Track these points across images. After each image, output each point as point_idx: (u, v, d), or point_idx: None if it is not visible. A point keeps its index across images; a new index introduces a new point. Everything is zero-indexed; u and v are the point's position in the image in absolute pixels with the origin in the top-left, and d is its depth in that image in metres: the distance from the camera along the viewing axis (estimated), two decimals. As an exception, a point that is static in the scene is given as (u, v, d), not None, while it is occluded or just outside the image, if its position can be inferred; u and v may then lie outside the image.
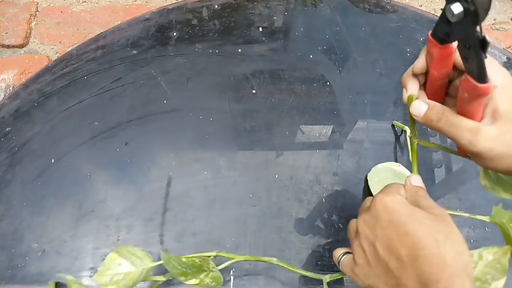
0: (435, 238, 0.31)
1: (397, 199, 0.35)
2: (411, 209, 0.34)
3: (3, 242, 0.52)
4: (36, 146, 0.58)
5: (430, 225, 0.32)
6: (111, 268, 0.44)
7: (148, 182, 0.56)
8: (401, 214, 0.33)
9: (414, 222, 0.33)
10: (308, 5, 0.72)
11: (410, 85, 0.38)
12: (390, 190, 0.37)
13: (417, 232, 0.32)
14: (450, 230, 0.32)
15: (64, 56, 0.66)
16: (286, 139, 0.59)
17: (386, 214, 0.34)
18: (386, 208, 0.34)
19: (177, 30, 0.68)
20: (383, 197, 0.35)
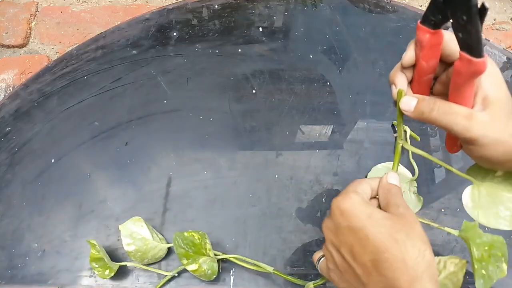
0: (395, 238, 0.31)
1: (353, 201, 0.34)
2: (369, 210, 0.33)
3: (3, 242, 0.52)
4: (36, 146, 0.58)
5: (390, 225, 0.32)
6: (133, 226, 0.48)
7: (148, 182, 0.56)
8: (359, 218, 0.33)
9: (373, 224, 0.32)
10: (308, 5, 0.72)
11: (399, 80, 0.37)
12: (346, 191, 0.36)
13: (377, 235, 0.31)
14: (411, 228, 0.32)
15: (64, 56, 0.66)
16: (286, 139, 0.59)
17: (344, 219, 0.34)
18: (343, 213, 0.34)
19: (177, 30, 0.68)
20: (339, 200, 0.35)
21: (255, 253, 0.51)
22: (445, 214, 0.54)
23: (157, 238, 0.49)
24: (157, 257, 0.49)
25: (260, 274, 0.50)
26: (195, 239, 0.46)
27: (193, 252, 0.46)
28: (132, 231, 0.48)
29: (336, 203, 0.35)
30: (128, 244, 0.48)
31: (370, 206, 0.34)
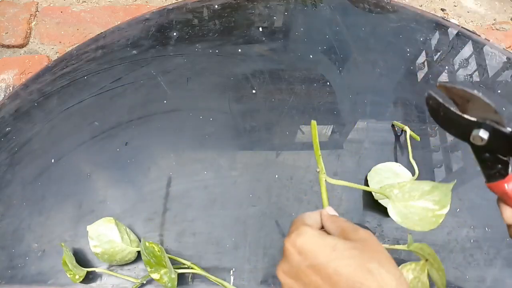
0: (368, 269, 0.28)
1: (309, 235, 0.31)
2: (331, 242, 0.30)
3: (3, 242, 0.52)
4: (36, 146, 0.58)
5: (358, 255, 0.29)
6: (102, 227, 0.48)
7: (148, 182, 0.56)
8: (322, 252, 0.29)
9: (340, 257, 0.29)
10: (308, 5, 0.72)
11: None
12: (296, 227, 0.32)
13: (348, 268, 0.28)
14: (380, 253, 0.29)
15: (64, 56, 0.66)
16: (286, 139, 0.59)
17: (304, 258, 0.30)
18: (302, 251, 0.30)
19: (177, 30, 0.68)
20: (293, 238, 0.31)
21: (255, 253, 0.51)
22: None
23: (127, 240, 0.48)
24: (126, 259, 0.49)
25: (260, 274, 0.50)
26: (155, 251, 0.45)
27: (154, 262, 0.45)
28: (99, 233, 0.48)
29: (290, 242, 0.31)
30: (94, 246, 0.48)
31: (329, 236, 0.31)
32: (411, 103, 0.62)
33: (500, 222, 0.53)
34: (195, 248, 0.51)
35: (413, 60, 0.66)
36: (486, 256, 0.52)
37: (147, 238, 0.52)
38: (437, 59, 0.67)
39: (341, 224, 0.33)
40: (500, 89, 0.64)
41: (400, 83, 0.64)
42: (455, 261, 0.51)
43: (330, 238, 0.30)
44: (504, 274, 0.51)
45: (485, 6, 1.11)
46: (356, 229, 0.31)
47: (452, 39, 0.69)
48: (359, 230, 0.31)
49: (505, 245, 0.52)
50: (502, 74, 0.66)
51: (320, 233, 0.31)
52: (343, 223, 0.33)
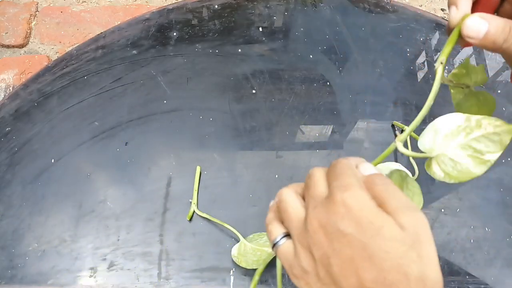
0: (405, 274, 0.24)
1: (363, 201, 0.26)
2: (380, 220, 0.25)
3: (3, 242, 0.52)
4: (36, 146, 0.58)
5: (401, 253, 0.25)
6: None
7: (148, 182, 0.56)
8: (367, 230, 0.25)
9: (381, 245, 0.25)
10: (308, 5, 0.72)
11: (462, 0, 0.29)
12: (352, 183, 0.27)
13: (384, 263, 0.25)
14: (427, 259, 0.25)
15: (64, 56, 0.66)
16: (286, 139, 0.59)
17: (350, 224, 0.26)
18: (351, 215, 0.26)
19: (177, 30, 0.68)
20: (347, 195, 0.26)
21: (255, 253, 0.51)
22: (445, 214, 0.54)
23: None
24: None
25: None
26: None
27: None
28: None
29: (342, 198, 0.26)
30: None
31: (380, 212, 0.26)
32: (411, 103, 0.62)
33: (500, 222, 0.53)
34: (195, 248, 0.51)
35: (413, 60, 0.66)
36: (486, 256, 0.52)
37: (147, 238, 0.52)
38: (437, 59, 0.67)
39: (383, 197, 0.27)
40: (500, 89, 0.64)
41: (400, 83, 0.64)
42: (455, 261, 0.51)
43: (380, 215, 0.26)
44: (504, 274, 0.51)
45: (485, 6, 1.11)
46: (403, 211, 0.26)
47: (452, 39, 0.69)
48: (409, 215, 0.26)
49: (505, 245, 0.52)
50: (502, 74, 0.66)
51: (372, 205, 0.26)
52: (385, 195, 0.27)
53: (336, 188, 0.27)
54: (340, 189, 0.27)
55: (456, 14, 0.29)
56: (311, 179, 0.31)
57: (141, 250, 0.51)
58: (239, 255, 0.49)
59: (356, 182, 0.27)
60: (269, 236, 0.31)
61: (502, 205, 0.55)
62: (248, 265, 0.48)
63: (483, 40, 0.28)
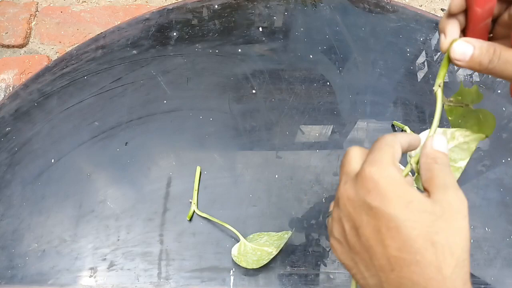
0: (432, 241, 0.25)
1: (392, 178, 0.27)
2: (409, 196, 0.27)
3: (3, 242, 0.52)
4: (36, 146, 0.58)
5: (429, 222, 0.26)
6: None
7: (148, 182, 0.56)
8: (395, 203, 0.26)
9: (410, 217, 0.26)
10: (308, 5, 0.72)
11: (450, 28, 0.31)
12: (381, 159, 0.28)
13: (411, 231, 0.26)
14: (456, 229, 0.26)
15: (64, 56, 0.66)
16: (286, 139, 0.59)
17: (374, 198, 0.27)
18: (376, 190, 0.27)
19: (177, 30, 0.68)
20: (374, 171, 0.28)
21: (255, 253, 0.51)
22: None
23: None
24: None
25: (260, 273, 0.50)
26: None
27: None
28: None
29: (370, 172, 0.28)
30: None
31: (409, 188, 0.27)
32: (411, 103, 0.62)
33: (500, 222, 0.53)
34: (195, 248, 0.51)
35: (413, 60, 0.66)
36: (486, 256, 0.52)
37: (147, 238, 0.52)
38: (437, 59, 0.67)
39: (434, 171, 0.28)
40: (500, 89, 0.64)
41: (400, 83, 0.64)
42: (455, 261, 0.51)
43: (410, 191, 0.27)
44: (504, 274, 0.51)
45: (485, 6, 1.11)
46: (446, 186, 0.27)
47: (452, 39, 0.69)
48: (449, 189, 0.27)
49: (505, 245, 0.52)
50: (502, 74, 0.66)
51: (402, 181, 0.27)
52: (437, 171, 0.28)
53: (367, 163, 0.29)
54: (370, 164, 0.28)
55: (445, 41, 0.31)
56: (345, 157, 0.32)
57: (141, 250, 0.51)
58: (239, 255, 0.49)
59: (388, 158, 0.28)
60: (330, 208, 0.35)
61: (502, 205, 0.55)
62: (248, 265, 0.48)
63: (469, 62, 0.30)
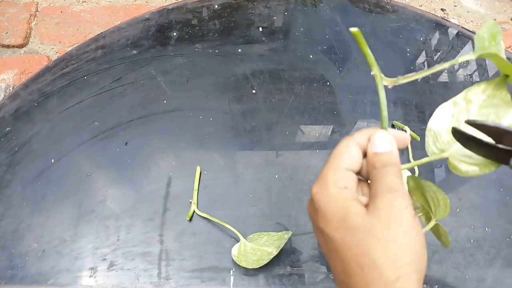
0: (361, 265, 0.25)
1: (329, 194, 0.27)
2: (344, 212, 0.26)
3: (3, 242, 0.52)
4: (36, 146, 0.58)
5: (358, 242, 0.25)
6: None
7: (148, 182, 0.56)
8: (331, 223, 0.26)
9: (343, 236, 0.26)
10: (308, 5, 0.72)
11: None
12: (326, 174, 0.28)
13: (346, 253, 0.25)
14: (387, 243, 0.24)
15: (64, 56, 0.66)
16: (286, 139, 0.59)
17: (320, 219, 0.27)
18: (320, 210, 0.27)
19: (177, 30, 0.68)
20: (314, 191, 0.28)
21: (255, 253, 0.51)
22: (445, 214, 0.54)
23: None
24: None
25: (260, 273, 0.50)
26: None
27: None
28: None
29: (313, 194, 0.28)
30: None
31: (348, 204, 0.26)
32: (411, 103, 0.62)
33: (500, 222, 0.53)
34: (195, 248, 0.51)
35: (413, 60, 0.66)
36: (486, 256, 0.52)
37: (147, 238, 0.52)
38: (437, 59, 0.67)
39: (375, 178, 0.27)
40: (500, 89, 0.64)
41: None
42: (455, 261, 0.51)
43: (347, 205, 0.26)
44: (504, 274, 0.51)
45: (485, 6, 1.11)
46: (378, 194, 0.26)
47: (452, 39, 0.69)
48: (381, 197, 0.26)
49: (505, 245, 0.52)
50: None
51: (339, 196, 0.27)
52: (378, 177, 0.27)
53: (316, 180, 0.29)
54: (316, 182, 0.29)
55: None
56: None
57: (141, 250, 0.51)
58: (239, 255, 0.49)
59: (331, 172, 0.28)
60: None
61: (502, 205, 0.55)
62: (248, 265, 0.48)
63: None
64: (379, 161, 0.28)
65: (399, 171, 0.28)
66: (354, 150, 0.29)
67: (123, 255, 0.51)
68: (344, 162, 0.28)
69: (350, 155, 0.29)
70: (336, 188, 0.27)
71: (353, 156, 0.29)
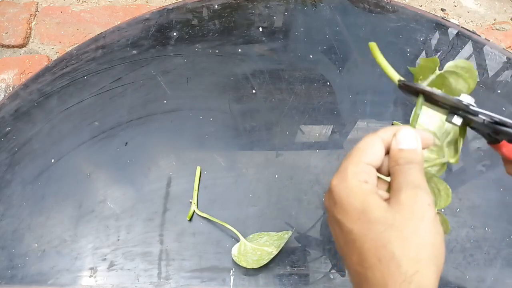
0: (379, 257, 0.25)
1: (349, 188, 0.27)
2: (363, 205, 0.26)
3: (3, 242, 0.52)
4: (36, 146, 0.58)
5: (378, 234, 0.25)
6: None
7: (148, 182, 0.56)
8: (350, 216, 0.26)
9: (362, 228, 0.26)
10: (308, 5, 0.72)
11: None
12: (347, 168, 0.28)
13: (363, 245, 0.25)
14: (408, 237, 0.24)
15: (64, 56, 0.66)
16: (286, 139, 0.59)
17: (339, 211, 0.27)
18: (336, 203, 0.27)
19: (177, 30, 0.68)
20: (334, 183, 0.28)
21: (255, 253, 0.51)
22: (445, 214, 0.54)
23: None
24: None
25: (260, 274, 0.50)
26: None
27: None
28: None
29: (333, 186, 0.28)
30: None
31: (368, 197, 0.26)
32: (411, 103, 0.62)
33: (500, 222, 0.53)
34: (195, 248, 0.51)
35: (413, 60, 0.66)
36: (486, 256, 0.52)
37: (147, 238, 0.52)
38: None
39: (397, 174, 0.27)
40: (500, 89, 0.64)
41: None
42: (455, 261, 0.51)
43: (366, 199, 0.26)
44: (504, 274, 0.51)
45: (485, 6, 1.11)
46: (402, 189, 0.26)
47: (452, 39, 0.69)
48: (405, 192, 0.26)
49: (505, 245, 0.52)
50: (502, 74, 0.66)
51: (360, 189, 0.27)
52: (400, 173, 0.27)
53: (336, 173, 0.29)
54: (335, 176, 0.28)
55: None
56: None
57: (141, 250, 0.51)
58: (240, 255, 0.49)
59: (352, 167, 0.28)
60: None
61: (502, 205, 0.55)
62: (248, 265, 0.48)
63: None
64: (403, 157, 0.28)
65: (422, 169, 0.28)
66: (377, 146, 0.29)
67: (123, 255, 0.51)
68: (366, 156, 0.28)
69: (373, 150, 0.29)
70: (356, 181, 0.27)
71: (376, 151, 0.29)
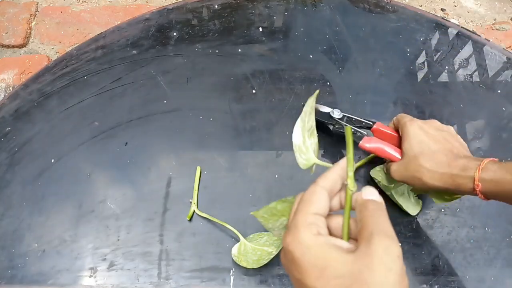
0: None
1: (305, 243, 0.27)
2: (324, 261, 0.26)
3: (3, 242, 0.52)
4: (36, 146, 0.58)
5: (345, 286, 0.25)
6: None
7: (148, 182, 0.56)
8: (310, 273, 0.26)
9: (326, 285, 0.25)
10: (308, 5, 0.72)
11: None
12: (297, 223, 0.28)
13: None
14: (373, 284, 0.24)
15: (64, 56, 0.66)
16: (286, 139, 0.59)
17: (296, 269, 0.27)
18: (294, 260, 0.27)
19: (177, 30, 0.68)
20: (288, 241, 0.28)
21: (255, 253, 0.51)
22: (445, 214, 0.54)
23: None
24: None
25: (260, 274, 0.50)
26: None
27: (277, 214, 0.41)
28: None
29: (286, 244, 0.28)
30: None
31: (326, 251, 0.26)
32: (411, 103, 0.62)
33: (500, 222, 0.53)
34: (195, 248, 0.51)
35: (413, 60, 0.66)
36: (486, 256, 0.52)
37: (147, 238, 0.52)
38: (437, 59, 0.67)
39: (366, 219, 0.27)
40: (500, 89, 0.64)
41: (400, 83, 0.64)
42: (455, 261, 0.51)
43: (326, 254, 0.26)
44: (504, 274, 0.51)
45: (485, 6, 1.11)
46: (371, 237, 0.26)
47: (452, 39, 0.69)
48: (373, 240, 0.25)
49: (505, 245, 0.52)
50: (502, 74, 0.66)
51: (316, 244, 0.26)
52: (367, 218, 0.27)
53: (287, 230, 0.28)
54: (287, 232, 0.28)
55: None
56: None
57: (141, 250, 0.51)
58: (240, 255, 0.49)
59: (302, 220, 0.28)
60: None
61: (502, 205, 0.55)
62: (248, 265, 0.48)
63: None
64: (372, 204, 0.28)
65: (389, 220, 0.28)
66: (321, 195, 0.29)
67: (123, 255, 0.51)
68: (313, 206, 0.29)
69: (319, 199, 0.29)
70: (310, 235, 0.27)
71: (321, 199, 0.29)
